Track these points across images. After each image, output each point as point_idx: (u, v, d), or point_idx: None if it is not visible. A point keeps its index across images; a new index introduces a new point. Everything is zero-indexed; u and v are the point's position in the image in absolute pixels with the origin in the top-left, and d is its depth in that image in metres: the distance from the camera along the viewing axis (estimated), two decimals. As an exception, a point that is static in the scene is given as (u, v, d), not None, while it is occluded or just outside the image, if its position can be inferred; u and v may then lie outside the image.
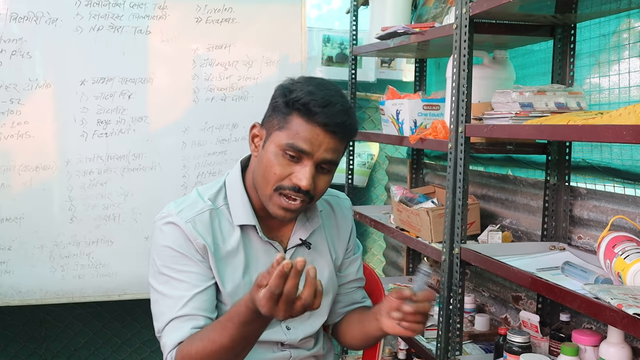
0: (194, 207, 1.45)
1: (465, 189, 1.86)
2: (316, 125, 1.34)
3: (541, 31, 1.93)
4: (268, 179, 1.38)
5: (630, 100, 1.76)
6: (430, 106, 2.27)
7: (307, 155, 1.36)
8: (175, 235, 1.41)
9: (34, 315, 2.94)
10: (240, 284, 1.46)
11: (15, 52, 2.52)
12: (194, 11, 2.70)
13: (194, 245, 1.41)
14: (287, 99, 1.37)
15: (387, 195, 3.37)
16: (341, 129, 1.36)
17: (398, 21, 2.52)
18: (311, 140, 1.35)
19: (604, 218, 1.80)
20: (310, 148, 1.35)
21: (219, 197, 1.49)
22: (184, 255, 1.40)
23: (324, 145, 1.36)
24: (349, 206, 1.69)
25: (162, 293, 1.41)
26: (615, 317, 1.22)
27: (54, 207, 2.61)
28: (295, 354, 1.55)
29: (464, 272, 1.89)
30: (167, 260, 1.41)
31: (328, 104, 1.34)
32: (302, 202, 1.39)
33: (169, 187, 2.71)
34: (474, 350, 2.07)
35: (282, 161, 1.37)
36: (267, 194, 1.40)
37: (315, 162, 1.37)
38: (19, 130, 2.54)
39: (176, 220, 1.41)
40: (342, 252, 1.64)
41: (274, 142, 1.38)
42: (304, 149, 1.35)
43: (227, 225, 1.47)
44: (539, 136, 1.57)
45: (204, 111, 2.74)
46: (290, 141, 1.35)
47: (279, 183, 1.37)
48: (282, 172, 1.37)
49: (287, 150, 1.36)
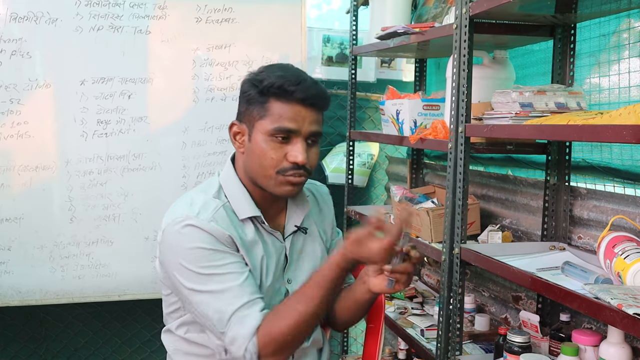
0: (208, 207, 1.48)
1: (465, 189, 1.86)
2: (295, 102, 1.44)
3: (541, 31, 1.93)
4: (266, 165, 1.45)
5: (630, 100, 1.76)
6: (430, 106, 2.26)
7: (295, 133, 1.45)
8: (201, 235, 1.43)
9: (34, 315, 2.94)
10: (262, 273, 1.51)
11: (15, 52, 2.52)
12: (194, 11, 2.70)
13: (222, 240, 1.44)
14: (259, 88, 1.46)
15: (387, 195, 3.37)
16: (318, 100, 1.47)
17: (398, 21, 2.52)
18: (295, 118, 1.44)
19: (604, 218, 1.79)
20: (296, 125, 1.44)
21: (220, 195, 1.53)
22: (217, 251, 1.43)
23: (307, 119, 1.45)
24: (327, 192, 1.79)
25: (209, 291, 1.41)
26: (615, 317, 1.22)
27: (54, 207, 2.61)
28: None
29: (464, 272, 1.89)
30: (202, 260, 1.42)
31: (300, 81, 1.45)
32: (304, 176, 1.48)
33: (169, 187, 2.71)
34: (474, 350, 2.07)
35: (273, 145, 1.45)
36: (271, 177, 1.47)
37: (303, 137, 1.46)
38: (19, 130, 2.54)
39: (197, 222, 1.43)
40: (330, 232, 1.73)
41: (260, 131, 1.46)
42: (291, 128, 1.44)
43: (237, 220, 1.51)
44: (539, 136, 1.57)
45: (204, 111, 2.74)
46: (277, 125, 1.43)
47: (279, 166, 1.45)
48: (277, 155, 1.45)
49: (276, 134, 1.44)
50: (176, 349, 1.59)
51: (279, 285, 1.56)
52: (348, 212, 2.88)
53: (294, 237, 1.60)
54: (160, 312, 1.65)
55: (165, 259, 1.48)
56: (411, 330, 2.31)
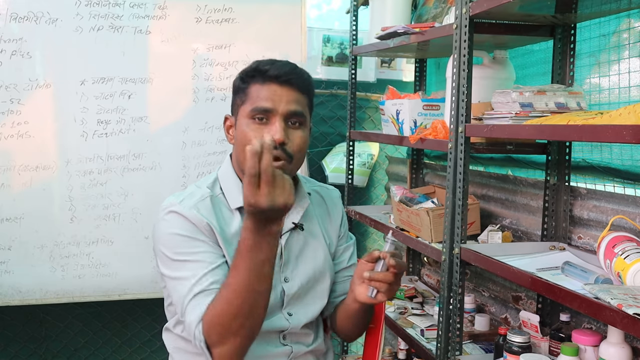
0: (194, 195, 1.50)
1: (465, 189, 1.86)
2: (270, 81, 1.45)
3: (541, 31, 1.93)
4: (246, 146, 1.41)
5: (630, 100, 1.76)
6: (430, 106, 2.26)
7: (271, 112, 1.45)
8: (180, 222, 1.44)
9: (34, 315, 2.94)
10: None
11: (15, 52, 2.52)
12: (194, 11, 2.70)
13: (200, 228, 1.44)
14: (240, 76, 1.51)
15: (387, 195, 3.37)
16: (294, 77, 1.46)
17: (398, 21, 2.52)
18: (271, 97, 1.45)
19: (604, 218, 1.80)
20: (272, 105, 1.44)
21: (215, 187, 1.55)
22: (193, 238, 1.43)
23: (284, 98, 1.45)
24: (338, 195, 1.76)
25: (177, 277, 1.42)
26: (615, 317, 1.22)
27: (54, 207, 2.61)
28: (296, 349, 1.56)
29: (464, 272, 1.89)
30: (177, 246, 1.43)
31: (274, 61, 1.49)
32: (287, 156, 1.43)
33: (169, 187, 2.71)
34: (474, 350, 2.07)
35: (253, 127, 1.46)
36: None
37: (282, 116, 1.45)
38: (19, 130, 2.54)
39: (179, 209, 1.45)
40: (335, 237, 1.70)
41: (242, 117, 1.49)
42: (266, 107, 1.44)
43: (227, 211, 1.52)
44: (539, 136, 1.57)
45: (204, 111, 2.74)
46: (253, 105, 1.45)
47: None
48: (256, 135, 1.43)
49: (254, 116, 1.45)
50: (175, 347, 1.59)
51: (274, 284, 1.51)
52: (348, 212, 2.88)
53: (292, 235, 1.58)
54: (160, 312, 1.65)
55: (153, 245, 1.52)
56: (411, 330, 2.32)
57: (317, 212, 1.67)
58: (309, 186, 1.69)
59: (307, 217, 1.62)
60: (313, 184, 1.73)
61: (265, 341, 1.51)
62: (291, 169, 1.47)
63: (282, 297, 1.54)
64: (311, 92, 1.54)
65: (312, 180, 1.75)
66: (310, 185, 1.70)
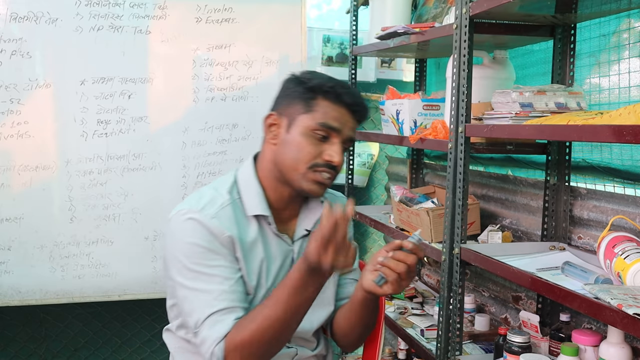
0: (215, 202, 1.48)
1: (465, 189, 1.86)
2: (342, 105, 1.48)
3: (541, 31, 1.93)
4: (300, 158, 1.46)
5: (630, 100, 1.76)
6: (430, 106, 2.26)
7: (336, 132, 1.47)
8: (199, 232, 1.43)
9: (34, 315, 2.94)
10: (262, 274, 1.49)
11: (15, 52, 2.52)
12: (194, 11, 2.70)
13: (220, 240, 1.43)
14: (308, 85, 1.49)
15: (387, 195, 3.37)
16: (361, 108, 1.52)
17: (398, 21, 2.52)
18: (340, 119, 1.48)
19: (604, 218, 1.79)
20: (340, 126, 1.48)
21: (233, 191, 1.53)
22: (211, 250, 1.42)
23: (349, 124, 1.50)
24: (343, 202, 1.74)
25: (193, 289, 1.41)
26: (615, 317, 1.22)
27: (54, 207, 2.61)
28: (300, 352, 1.56)
29: (464, 272, 1.89)
30: (195, 256, 1.42)
31: (349, 87, 1.53)
32: (332, 177, 1.50)
33: (169, 187, 2.71)
34: (474, 350, 2.07)
35: (312, 141, 1.47)
36: (301, 173, 1.47)
37: (343, 139, 1.49)
38: (19, 130, 2.54)
39: (199, 217, 1.44)
40: None
41: (301, 125, 1.47)
42: (335, 127, 1.47)
43: (244, 218, 1.51)
44: (539, 136, 1.57)
45: (204, 111, 2.74)
46: (322, 121, 1.46)
47: (313, 161, 1.46)
48: (315, 150, 1.46)
49: (318, 130, 1.46)
50: (177, 347, 1.59)
51: None
52: (348, 212, 2.88)
53: (304, 242, 1.57)
54: (160, 312, 1.65)
55: (166, 248, 1.50)
56: (411, 330, 2.32)
57: None
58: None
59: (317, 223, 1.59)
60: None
61: None
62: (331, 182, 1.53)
63: None
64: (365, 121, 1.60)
65: None
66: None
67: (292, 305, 1.34)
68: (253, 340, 1.34)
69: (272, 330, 1.34)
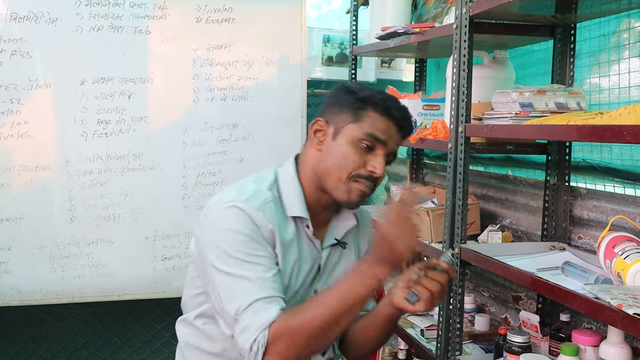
0: (259, 196, 1.47)
1: (465, 189, 1.86)
2: (391, 119, 1.48)
3: (541, 31, 1.93)
4: (343, 167, 1.46)
5: (630, 100, 1.76)
6: (430, 106, 2.27)
7: (382, 144, 1.47)
8: (243, 220, 1.42)
9: (34, 315, 2.94)
10: (292, 275, 1.49)
11: (15, 52, 2.52)
12: (194, 11, 2.70)
13: (263, 231, 1.42)
14: (359, 95, 1.49)
15: (387, 195, 3.37)
16: (407, 124, 1.53)
17: (398, 21, 2.52)
18: (387, 131, 1.47)
19: (604, 218, 1.79)
20: (386, 138, 1.47)
21: (273, 189, 1.52)
22: (254, 240, 1.41)
23: (394, 138, 1.49)
24: (370, 217, 1.73)
25: (235, 275, 1.39)
26: (615, 317, 1.22)
27: (54, 207, 2.61)
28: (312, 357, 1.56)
29: (464, 272, 1.89)
30: (237, 244, 1.40)
31: (399, 103, 1.52)
32: (371, 190, 1.50)
33: (169, 187, 2.71)
34: (474, 350, 2.07)
35: (358, 150, 1.46)
36: (342, 181, 1.47)
37: (386, 152, 1.48)
38: (19, 130, 2.54)
39: (244, 207, 1.42)
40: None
41: (348, 134, 1.47)
42: (381, 138, 1.46)
43: (283, 216, 1.50)
44: (539, 136, 1.57)
45: (204, 111, 2.74)
46: (370, 131, 1.46)
47: (357, 171, 1.46)
48: (359, 160, 1.46)
49: (365, 140, 1.46)
50: (188, 342, 1.57)
51: (306, 294, 1.52)
52: (348, 212, 2.88)
53: (332, 250, 1.57)
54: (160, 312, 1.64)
55: (202, 235, 1.47)
56: (411, 330, 2.31)
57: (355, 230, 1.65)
58: None
59: (347, 234, 1.61)
60: None
61: None
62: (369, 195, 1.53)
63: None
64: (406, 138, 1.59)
65: None
66: None
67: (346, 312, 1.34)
68: (302, 329, 1.33)
69: (320, 331, 1.34)
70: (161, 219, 2.71)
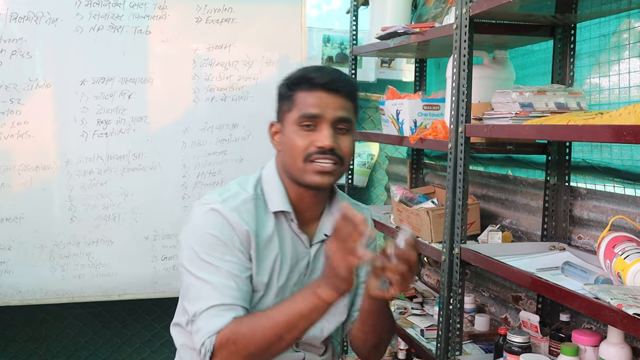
0: (238, 196, 1.49)
1: (465, 189, 1.86)
2: (318, 89, 1.45)
3: (541, 31, 1.93)
4: (295, 154, 1.46)
5: (630, 100, 1.76)
6: (430, 106, 2.26)
7: (319, 118, 1.45)
8: (218, 223, 1.44)
9: (34, 315, 2.94)
10: (274, 271, 1.49)
11: (15, 52, 2.52)
12: (194, 11, 2.70)
13: (237, 233, 1.44)
14: (287, 83, 1.51)
15: (387, 195, 3.37)
16: (341, 84, 1.47)
17: (398, 21, 2.52)
18: (318, 104, 1.45)
19: (604, 218, 1.79)
20: (320, 111, 1.45)
21: (257, 188, 1.54)
22: (225, 244, 1.43)
23: (331, 105, 1.45)
24: (369, 215, 1.71)
25: (200, 278, 1.42)
26: (615, 317, 1.22)
27: (54, 207, 2.61)
28: (308, 357, 1.57)
29: (464, 272, 1.89)
30: (208, 247, 1.43)
31: (321, 68, 1.51)
32: (334, 163, 1.46)
33: (169, 187, 2.71)
34: (474, 350, 2.07)
35: (301, 134, 1.46)
36: (300, 167, 1.47)
37: (329, 122, 1.45)
38: (19, 130, 2.54)
39: (220, 208, 1.45)
40: None
41: (289, 124, 1.48)
42: (315, 114, 1.45)
43: (264, 213, 1.51)
44: (539, 136, 1.57)
45: (204, 111, 2.74)
46: (302, 112, 1.45)
47: (306, 152, 1.45)
48: (305, 142, 1.45)
49: (302, 122, 1.45)
50: (183, 343, 1.59)
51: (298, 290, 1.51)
52: (348, 212, 2.87)
53: (321, 247, 1.57)
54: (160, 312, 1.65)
55: (182, 235, 1.51)
56: (411, 330, 2.31)
57: None
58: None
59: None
60: (346, 198, 1.71)
61: None
62: (341, 171, 1.50)
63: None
64: (357, 98, 1.54)
65: (345, 195, 1.73)
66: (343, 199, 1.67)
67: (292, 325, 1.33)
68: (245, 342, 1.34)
69: (263, 341, 1.34)
70: (161, 219, 2.71)
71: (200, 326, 1.39)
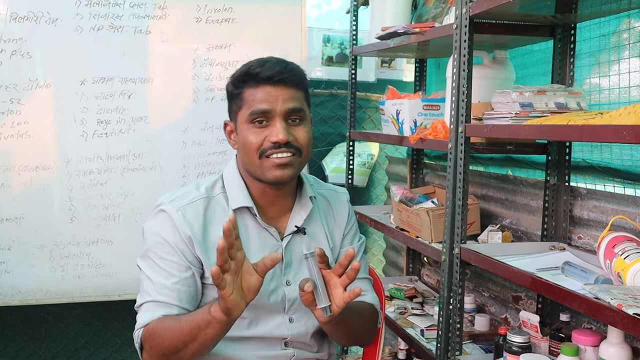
0: (187, 196, 1.52)
1: (465, 189, 1.86)
2: (263, 84, 1.45)
3: (541, 31, 1.93)
4: (250, 151, 1.47)
5: (630, 100, 1.76)
6: (430, 106, 2.26)
7: (270, 113, 1.45)
8: (164, 223, 1.49)
9: (34, 315, 2.94)
10: None
11: (15, 52, 2.52)
12: (194, 11, 2.70)
13: (180, 234, 1.47)
14: (232, 81, 1.52)
15: (387, 195, 3.37)
16: (287, 75, 1.46)
17: (398, 21, 2.52)
18: (266, 98, 1.45)
19: (604, 218, 1.79)
20: (269, 106, 1.44)
21: (215, 187, 1.56)
22: (168, 244, 1.48)
23: (279, 97, 1.45)
24: (346, 199, 1.75)
25: (145, 274, 1.52)
26: (615, 317, 1.22)
27: (54, 207, 2.61)
28: (298, 354, 1.56)
29: (464, 272, 1.89)
30: (154, 245, 1.50)
31: (264, 62, 1.48)
32: (292, 155, 1.47)
33: (169, 187, 2.69)
34: (474, 350, 2.07)
35: (254, 131, 1.46)
36: (257, 164, 1.47)
37: (281, 115, 1.45)
38: (19, 130, 2.54)
39: (167, 208, 1.49)
40: (339, 239, 1.67)
41: (241, 122, 1.49)
42: (264, 109, 1.44)
43: (221, 212, 1.52)
44: (539, 136, 1.57)
45: (204, 111, 2.74)
46: (251, 109, 1.45)
47: (260, 148, 1.46)
48: (258, 139, 1.46)
49: (253, 119, 1.45)
50: None
51: (276, 286, 1.53)
52: (348, 212, 2.87)
53: (294, 238, 1.57)
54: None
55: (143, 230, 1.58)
56: (411, 330, 2.32)
57: (322, 215, 1.65)
58: (316, 189, 1.67)
59: (310, 220, 1.60)
60: (321, 186, 1.72)
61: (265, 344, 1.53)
62: (300, 162, 1.50)
63: (283, 300, 1.54)
64: (306, 85, 1.53)
65: (321, 183, 1.73)
66: (317, 188, 1.68)
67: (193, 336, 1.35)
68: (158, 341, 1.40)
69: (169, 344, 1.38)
70: (161, 219, 2.71)
71: (137, 317, 1.48)
